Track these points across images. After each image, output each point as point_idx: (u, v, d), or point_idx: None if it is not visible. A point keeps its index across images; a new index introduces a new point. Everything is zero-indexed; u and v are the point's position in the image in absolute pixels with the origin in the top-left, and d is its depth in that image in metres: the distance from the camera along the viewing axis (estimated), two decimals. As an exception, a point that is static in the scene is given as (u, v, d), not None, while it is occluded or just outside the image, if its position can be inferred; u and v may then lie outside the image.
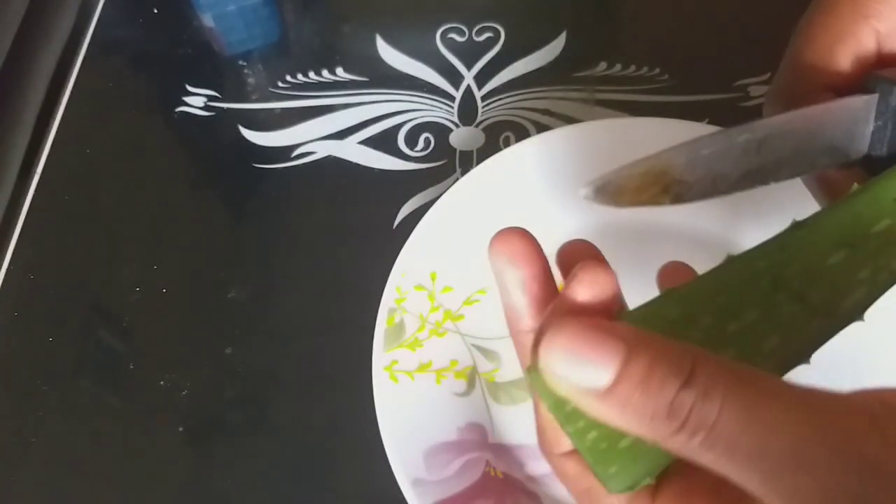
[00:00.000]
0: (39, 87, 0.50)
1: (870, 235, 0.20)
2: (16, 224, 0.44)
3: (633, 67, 0.46)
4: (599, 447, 0.18)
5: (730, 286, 0.19)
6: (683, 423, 0.16)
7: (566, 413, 0.18)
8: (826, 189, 0.24)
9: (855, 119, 0.22)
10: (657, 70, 0.46)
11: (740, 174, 0.21)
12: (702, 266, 0.21)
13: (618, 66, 0.47)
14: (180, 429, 0.37)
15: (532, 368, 0.18)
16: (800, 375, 0.18)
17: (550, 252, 0.33)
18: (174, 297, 0.41)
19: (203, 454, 0.36)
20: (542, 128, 0.44)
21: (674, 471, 0.19)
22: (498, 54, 0.48)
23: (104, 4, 0.53)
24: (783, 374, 0.19)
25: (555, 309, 0.19)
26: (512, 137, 0.44)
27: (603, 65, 0.47)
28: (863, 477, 0.15)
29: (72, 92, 0.49)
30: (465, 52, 0.48)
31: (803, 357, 0.19)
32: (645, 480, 0.18)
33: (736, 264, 0.20)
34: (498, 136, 0.44)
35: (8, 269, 0.42)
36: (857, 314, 0.19)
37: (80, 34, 0.52)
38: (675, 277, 0.21)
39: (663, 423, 0.16)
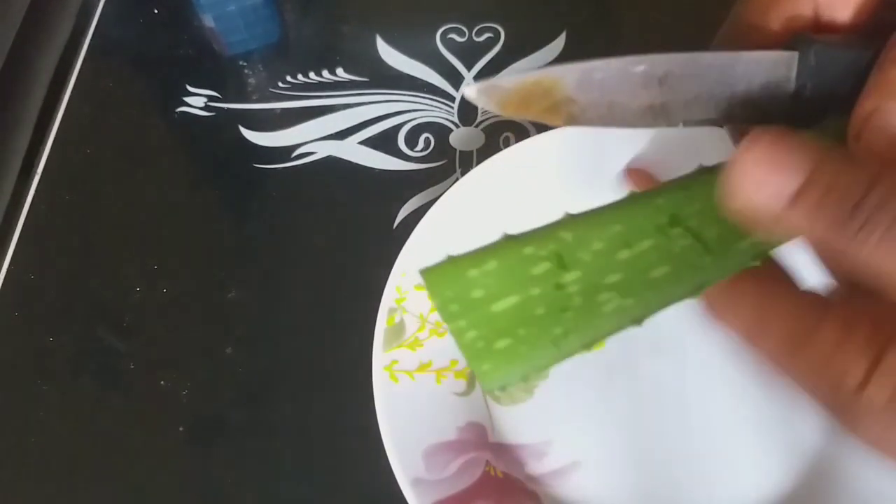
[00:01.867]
0: (40, 87, 0.50)
1: None
2: (16, 224, 0.44)
3: (632, 68, 0.46)
4: (477, 346, 0.19)
5: (627, 217, 0.20)
6: (864, 223, 0.16)
7: (449, 312, 0.19)
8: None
9: (772, 73, 0.22)
10: (657, 70, 0.46)
11: (641, 106, 0.21)
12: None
13: (618, 67, 0.47)
14: (180, 428, 0.37)
15: (425, 270, 0.19)
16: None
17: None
18: (174, 297, 0.41)
19: (203, 454, 0.36)
20: (542, 128, 0.44)
21: (835, 310, 0.19)
22: (498, 54, 0.48)
23: (104, 5, 0.53)
24: (670, 306, 0.20)
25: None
26: (512, 138, 0.44)
27: (603, 65, 0.47)
28: None
29: (72, 92, 0.49)
30: (465, 52, 0.48)
31: (695, 291, 0.20)
32: (517, 382, 0.19)
33: (637, 198, 0.20)
34: (498, 137, 0.44)
35: (8, 269, 0.42)
36: (751, 259, 0.20)
37: (80, 34, 0.52)
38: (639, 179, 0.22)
39: (844, 225, 0.17)
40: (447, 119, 0.45)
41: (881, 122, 0.20)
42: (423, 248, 0.37)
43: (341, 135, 0.45)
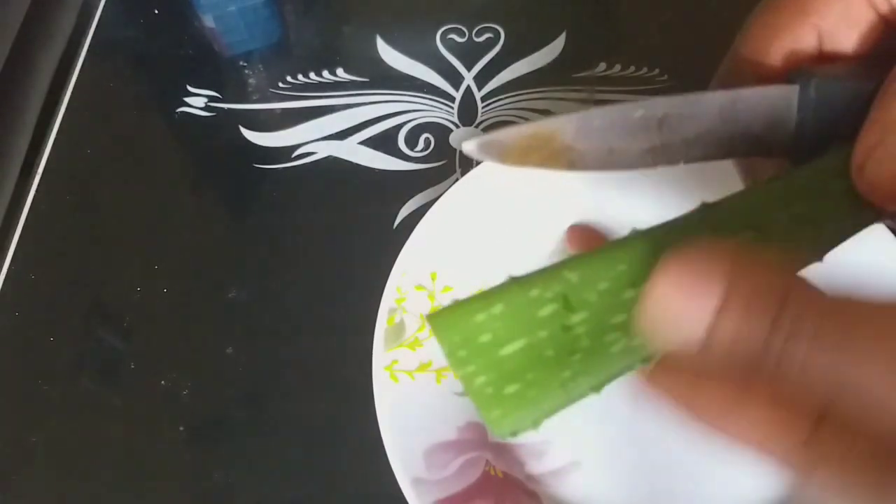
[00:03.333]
0: (40, 88, 0.50)
1: (780, 218, 0.20)
2: (17, 224, 0.44)
3: (632, 68, 0.47)
4: (486, 392, 0.19)
5: (631, 255, 0.20)
6: (790, 334, 0.16)
7: (458, 358, 0.19)
8: (751, 177, 0.24)
9: (773, 108, 0.22)
10: (657, 70, 0.46)
11: (642, 149, 0.21)
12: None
13: (617, 67, 0.47)
14: (181, 428, 0.37)
15: (432, 316, 0.19)
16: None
17: (548, 251, 0.33)
18: (175, 297, 0.41)
19: (204, 453, 0.36)
20: (541, 128, 0.44)
21: None
22: (498, 55, 0.48)
23: (105, 5, 0.53)
24: None
25: None
26: (512, 138, 0.44)
27: (602, 65, 0.47)
28: None
29: (73, 92, 0.49)
30: (465, 52, 0.48)
31: None
32: (528, 427, 0.19)
33: (640, 236, 0.20)
34: (498, 137, 0.44)
35: (9, 269, 0.42)
36: None
37: (80, 35, 0.52)
38: (582, 239, 0.22)
39: (769, 342, 0.16)
40: (447, 119, 0.45)
41: (884, 154, 0.19)
42: (423, 248, 0.37)
43: (341, 135, 0.45)
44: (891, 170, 0.19)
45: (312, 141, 0.45)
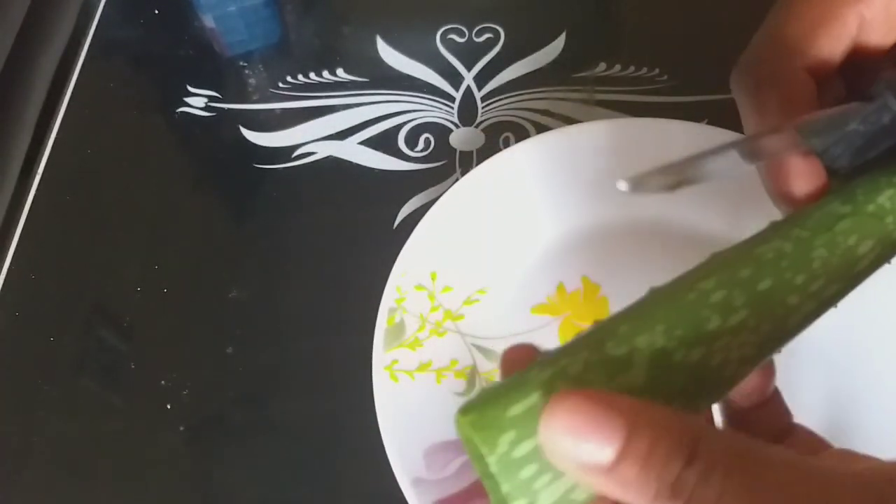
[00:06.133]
0: (41, 88, 0.50)
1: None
2: (17, 224, 0.44)
3: (632, 68, 0.47)
4: None
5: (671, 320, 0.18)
6: (687, 501, 0.15)
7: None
8: (781, 178, 0.23)
9: (842, 122, 0.22)
10: (657, 70, 0.46)
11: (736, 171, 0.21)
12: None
13: (617, 67, 0.47)
14: (181, 428, 0.37)
15: (460, 413, 0.17)
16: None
17: (547, 251, 0.33)
18: (175, 297, 0.41)
19: (204, 453, 0.36)
20: (541, 128, 0.44)
21: None
22: (498, 55, 0.48)
23: (105, 5, 0.53)
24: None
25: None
26: (512, 138, 0.44)
27: (602, 65, 0.47)
28: None
29: (73, 92, 0.49)
30: (464, 52, 0.48)
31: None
32: None
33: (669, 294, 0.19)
34: (498, 137, 0.44)
35: (9, 269, 0.42)
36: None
37: (81, 35, 0.52)
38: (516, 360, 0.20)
39: (666, 502, 0.15)
40: (447, 119, 0.45)
41: None
42: (423, 248, 0.37)
43: (341, 135, 0.45)
44: None
45: (312, 141, 0.45)
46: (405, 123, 0.45)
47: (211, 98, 0.48)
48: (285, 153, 0.45)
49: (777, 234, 0.20)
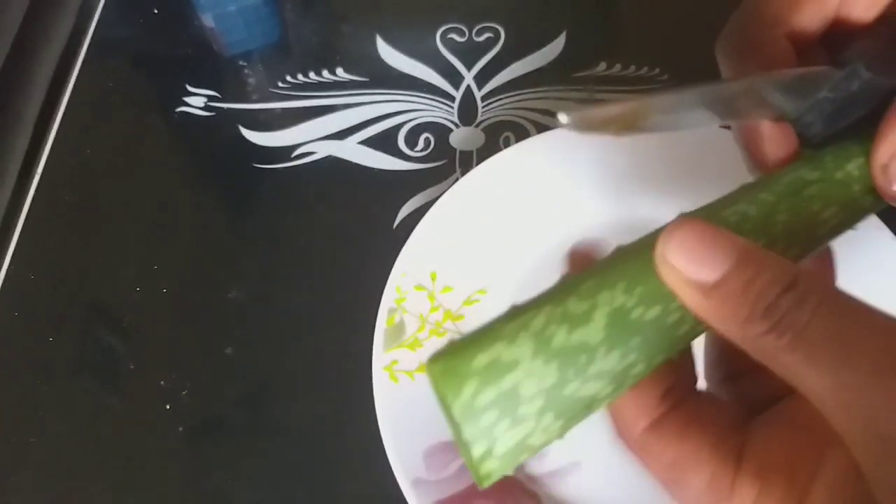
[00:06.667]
0: (40, 88, 0.50)
1: (786, 206, 0.21)
2: (16, 224, 0.44)
3: (633, 67, 0.46)
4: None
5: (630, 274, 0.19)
6: (775, 324, 0.16)
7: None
8: (753, 142, 0.24)
9: (813, 87, 0.22)
10: (657, 70, 0.46)
11: (705, 119, 0.22)
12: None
13: (618, 67, 0.47)
14: (180, 429, 0.37)
15: (429, 362, 0.18)
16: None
17: (547, 251, 0.33)
18: (174, 297, 0.41)
19: (203, 454, 0.36)
20: (541, 128, 0.44)
21: (750, 454, 0.19)
22: (498, 54, 0.48)
23: (104, 5, 0.53)
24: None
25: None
26: (512, 137, 0.44)
27: (603, 65, 0.47)
28: None
29: (72, 92, 0.49)
30: (465, 52, 0.48)
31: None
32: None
33: (630, 253, 0.20)
34: (498, 137, 0.44)
35: (8, 269, 0.42)
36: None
37: (80, 34, 0.52)
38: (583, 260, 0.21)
39: (756, 323, 0.17)
40: (447, 119, 0.45)
41: None
42: (423, 248, 0.37)
43: (341, 135, 0.45)
44: None
45: (312, 141, 0.45)
46: (405, 123, 0.45)
47: (210, 97, 0.48)
48: (285, 153, 0.45)
49: (743, 198, 0.21)
